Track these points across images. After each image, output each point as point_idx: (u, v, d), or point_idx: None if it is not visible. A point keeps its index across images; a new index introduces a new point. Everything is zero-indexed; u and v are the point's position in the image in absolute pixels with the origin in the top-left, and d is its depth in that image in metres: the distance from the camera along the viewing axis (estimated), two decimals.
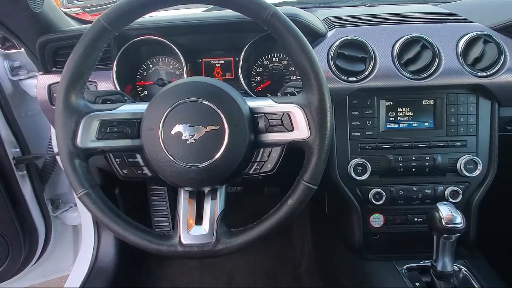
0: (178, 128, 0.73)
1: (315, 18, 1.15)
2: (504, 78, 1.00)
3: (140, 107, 0.78)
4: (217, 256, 0.75)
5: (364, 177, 1.04)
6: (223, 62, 1.15)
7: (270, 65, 1.15)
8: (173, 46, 1.04)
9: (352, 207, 1.07)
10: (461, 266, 0.97)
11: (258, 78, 1.16)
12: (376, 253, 1.08)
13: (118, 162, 0.77)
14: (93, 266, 1.50)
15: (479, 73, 1.00)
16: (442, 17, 1.10)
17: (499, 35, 1.02)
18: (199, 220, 0.77)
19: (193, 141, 0.73)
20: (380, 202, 1.05)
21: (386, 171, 1.05)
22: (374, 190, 1.05)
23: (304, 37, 0.73)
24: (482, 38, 1.01)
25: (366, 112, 1.05)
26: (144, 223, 0.77)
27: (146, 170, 0.78)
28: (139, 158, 0.78)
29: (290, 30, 0.72)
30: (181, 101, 0.74)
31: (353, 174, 1.04)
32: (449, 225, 0.83)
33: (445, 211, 0.84)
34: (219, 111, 0.73)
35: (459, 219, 0.83)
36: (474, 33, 1.01)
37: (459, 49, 1.01)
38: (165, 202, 1.60)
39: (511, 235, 1.34)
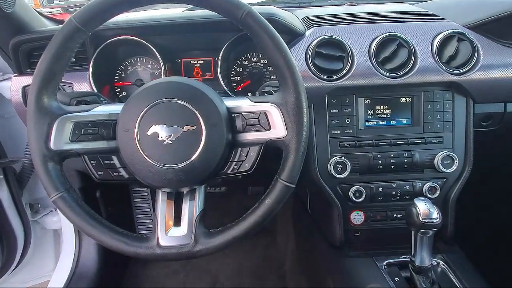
0: (154, 128, 0.72)
1: (294, 17, 1.15)
2: (477, 76, 1.02)
3: (115, 108, 0.77)
4: (196, 257, 0.74)
5: (344, 175, 1.05)
6: (202, 62, 1.15)
7: (250, 64, 1.15)
8: (150, 46, 1.03)
9: (333, 205, 1.08)
10: (439, 261, 0.99)
11: (238, 78, 1.16)
12: (358, 250, 1.09)
13: (94, 164, 0.76)
14: (74, 271, 1.48)
15: (453, 71, 1.02)
16: (418, 16, 1.12)
17: (473, 33, 1.04)
18: (177, 221, 0.76)
19: (170, 142, 0.72)
20: (360, 200, 1.06)
21: (366, 169, 1.06)
22: (354, 188, 1.06)
23: (280, 36, 0.73)
24: (456, 36, 1.03)
25: (345, 110, 1.06)
26: (127, 226, 0.77)
27: (122, 172, 0.77)
28: (115, 160, 0.77)
29: (265, 29, 0.72)
30: (157, 101, 0.73)
31: (333, 172, 1.05)
32: (426, 220, 0.84)
33: (422, 207, 0.85)
34: (195, 111, 0.73)
35: (435, 214, 0.84)
36: (448, 31, 1.03)
37: (434, 47, 1.02)
38: (148, 204, 1.59)
39: (488, 229, 1.38)
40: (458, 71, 1.02)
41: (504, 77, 1.03)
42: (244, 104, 0.77)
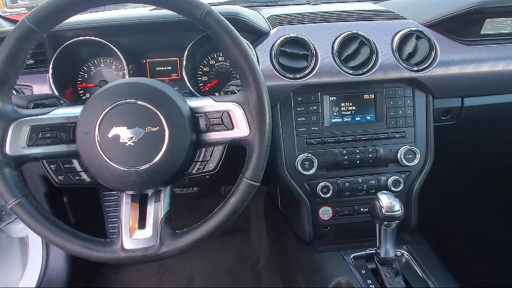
0: (115, 130, 0.71)
1: (259, 16, 1.16)
2: (435, 72, 1.06)
3: (75, 111, 0.75)
4: (161, 259, 0.74)
5: (311, 171, 1.06)
6: (168, 62, 1.13)
7: (217, 64, 1.15)
8: (112, 46, 1.01)
9: (301, 202, 1.10)
10: (404, 252, 1.03)
11: (205, 78, 1.15)
12: (327, 245, 1.11)
13: (53, 168, 0.74)
14: (42, 279, 1.44)
15: (413, 68, 1.06)
16: (379, 15, 1.15)
17: (430, 31, 1.08)
18: (142, 224, 0.76)
19: (132, 144, 0.71)
20: (328, 195, 1.08)
21: (332, 165, 1.09)
22: (321, 184, 1.08)
23: (240, 36, 0.73)
24: (414, 34, 1.06)
25: (310, 108, 1.08)
26: (98, 231, 0.75)
27: (84, 176, 0.76)
28: (76, 164, 0.75)
29: (225, 28, 0.72)
30: (118, 103, 0.72)
31: (300, 169, 1.06)
32: (389, 213, 0.87)
33: (385, 200, 0.88)
34: (157, 112, 0.72)
35: (397, 206, 0.87)
36: (407, 29, 1.06)
37: (394, 45, 1.06)
38: (119, 208, 1.55)
39: (450, 219, 1.44)
40: (417, 68, 1.06)
41: (460, 73, 1.08)
42: (207, 104, 0.77)
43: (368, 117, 1.10)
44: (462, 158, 1.43)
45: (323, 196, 1.08)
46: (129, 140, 0.71)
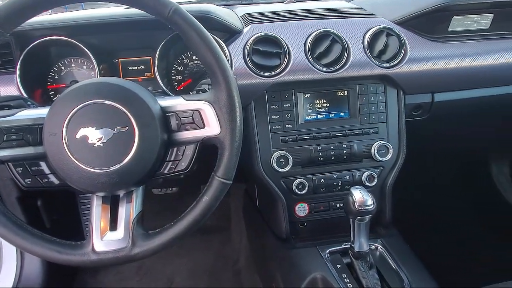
0: (83, 131, 0.70)
1: (232, 14, 1.16)
2: (405, 68, 1.08)
3: (42, 112, 0.74)
4: (134, 260, 0.73)
5: (287, 168, 1.07)
6: (141, 61, 1.12)
7: (190, 63, 1.14)
8: (82, 46, 0.99)
9: (277, 199, 1.10)
10: (378, 245, 1.05)
11: (179, 77, 1.14)
12: (304, 241, 1.13)
13: (20, 171, 0.72)
14: (17, 284, 1.40)
15: (384, 64, 1.08)
16: (351, 12, 1.16)
17: (400, 28, 1.10)
18: (114, 226, 0.75)
19: (101, 144, 0.70)
20: (304, 192, 1.09)
21: (307, 162, 1.10)
22: (297, 181, 1.09)
23: (208, 34, 0.73)
24: (385, 32, 1.08)
25: (285, 106, 1.08)
26: (75, 235, 0.74)
27: (52, 178, 0.74)
28: (43, 166, 0.74)
29: (193, 27, 0.72)
30: (85, 103, 0.71)
31: (276, 167, 1.07)
32: (362, 208, 0.88)
33: (358, 195, 0.89)
34: (126, 112, 0.71)
35: (370, 201, 0.89)
36: (377, 27, 1.08)
37: (365, 42, 1.07)
38: (90, 210, 1.53)
39: (423, 211, 1.47)
40: (388, 65, 1.08)
41: (430, 69, 1.10)
42: (178, 103, 0.77)
43: (342, 114, 1.12)
44: (434, 153, 1.46)
45: (299, 192, 1.09)
46: (98, 141, 0.70)
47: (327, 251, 1.03)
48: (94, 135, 0.70)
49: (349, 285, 0.92)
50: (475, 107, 1.23)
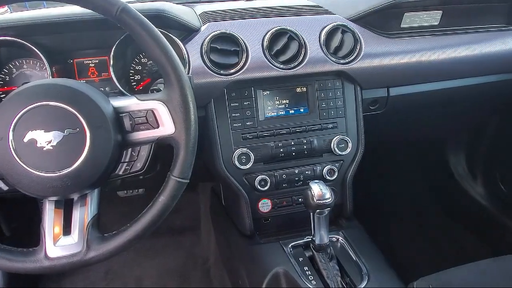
0: (31, 134, 0.68)
1: (190, 12, 1.15)
2: (361, 64, 1.11)
3: None
4: (89, 264, 0.72)
5: (249, 165, 1.08)
6: (97, 61, 1.09)
7: (149, 62, 1.12)
8: (31, 46, 0.96)
9: (240, 196, 1.11)
10: (339, 237, 1.07)
11: (138, 77, 1.13)
12: (268, 236, 1.14)
13: None
14: None
15: (340, 61, 1.10)
16: (308, 10, 1.18)
17: (355, 25, 1.13)
18: (68, 230, 0.73)
19: (51, 148, 0.69)
20: (266, 188, 1.10)
21: (269, 158, 1.11)
22: (259, 177, 1.10)
23: (159, 32, 0.72)
24: (340, 28, 1.11)
25: (245, 103, 1.09)
26: (37, 243, 0.71)
27: (1, 184, 0.72)
28: None
29: (143, 25, 0.71)
30: (32, 105, 0.69)
31: (237, 164, 1.07)
32: (320, 201, 0.90)
33: (316, 189, 0.91)
34: (76, 113, 0.70)
35: (328, 194, 0.91)
36: (333, 24, 1.10)
37: (322, 39, 1.09)
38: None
39: (383, 201, 1.52)
40: (344, 61, 1.10)
41: (384, 65, 1.14)
42: (131, 103, 0.76)
43: (302, 110, 1.14)
44: (393, 145, 1.51)
45: (262, 189, 1.10)
46: (47, 144, 0.69)
47: (290, 245, 1.05)
48: (43, 138, 0.68)
49: (310, 277, 0.94)
50: (429, 100, 1.28)
